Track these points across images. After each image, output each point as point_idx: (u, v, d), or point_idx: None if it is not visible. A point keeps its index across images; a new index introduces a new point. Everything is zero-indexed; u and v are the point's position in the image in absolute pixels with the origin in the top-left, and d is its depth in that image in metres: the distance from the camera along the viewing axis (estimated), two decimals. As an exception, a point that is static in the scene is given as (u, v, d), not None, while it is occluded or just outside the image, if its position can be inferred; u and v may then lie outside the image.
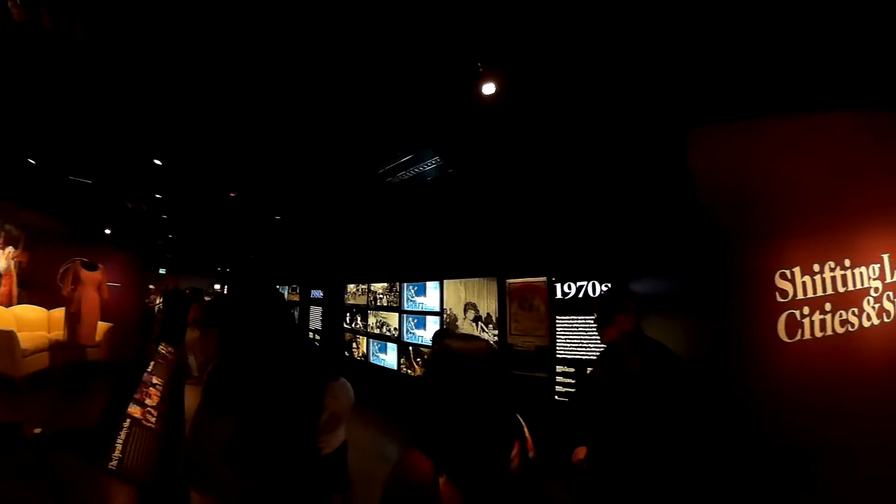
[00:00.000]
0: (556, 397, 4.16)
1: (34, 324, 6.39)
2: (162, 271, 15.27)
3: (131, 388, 2.22)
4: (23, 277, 6.76)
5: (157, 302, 12.37)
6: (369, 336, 7.05)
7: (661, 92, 2.68)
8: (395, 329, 6.43)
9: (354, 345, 7.42)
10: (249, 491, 1.50)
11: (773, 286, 1.96)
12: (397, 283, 6.46)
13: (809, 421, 1.90)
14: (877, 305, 1.99)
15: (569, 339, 4.18)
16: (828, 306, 1.94)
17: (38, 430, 2.42)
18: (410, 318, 6.23)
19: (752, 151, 2.07)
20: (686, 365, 2.07)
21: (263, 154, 4.28)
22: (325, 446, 2.44)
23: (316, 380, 1.84)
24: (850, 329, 1.95)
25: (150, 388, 2.38)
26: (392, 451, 4.35)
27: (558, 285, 4.30)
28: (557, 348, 4.22)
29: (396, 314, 6.43)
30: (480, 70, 2.63)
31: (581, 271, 4.18)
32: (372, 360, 6.99)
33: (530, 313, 4.73)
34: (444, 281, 5.72)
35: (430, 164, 4.14)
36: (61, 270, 6.69)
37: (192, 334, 7.00)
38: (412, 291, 6.26)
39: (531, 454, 1.23)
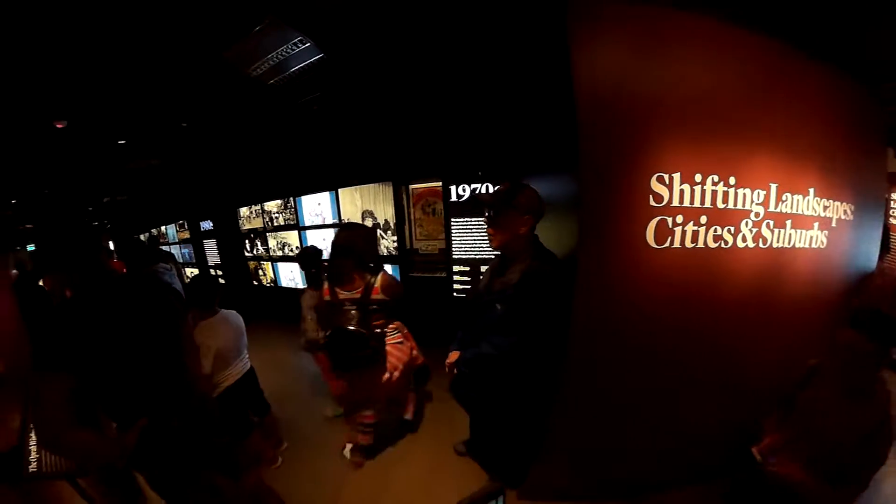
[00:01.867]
0: (454, 294, 4.13)
1: None
2: (31, 248, 11.79)
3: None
4: None
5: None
6: (273, 260, 6.27)
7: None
8: (296, 248, 5.76)
9: (261, 272, 6.57)
10: (130, 444, 1.41)
11: (647, 189, 1.62)
12: (291, 199, 5.61)
13: (663, 327, 1.77)
14: (755, 230, 1.77)
15: (464, 240, 4.03)
16: (703, 219, 1.66)
17: None
18: (310, 234, 5.56)
19: (645, 41, 1.57)
20: (569, 283, 1.77)
21: (88, 62, 2.88)
22: (221, 381, 2.41)
23: (165, 317, 1.61)
24: (722, 246, 1.72)
25: None
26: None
27: (453, 188, 3.99)
28: (453, 249, 4.07)
29: (296, 232, 5.70)
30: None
31: (474, 174, 3.87)
32: (281, 283, 6.31)
33: (433, 217, 4.51)
34: (339, 190, 5.07)
35: (297, 47, 3.06)
36: None
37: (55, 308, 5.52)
38: (307, 205, 5.49)
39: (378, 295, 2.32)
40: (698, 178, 1.65)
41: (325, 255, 3.00)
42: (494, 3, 2.31)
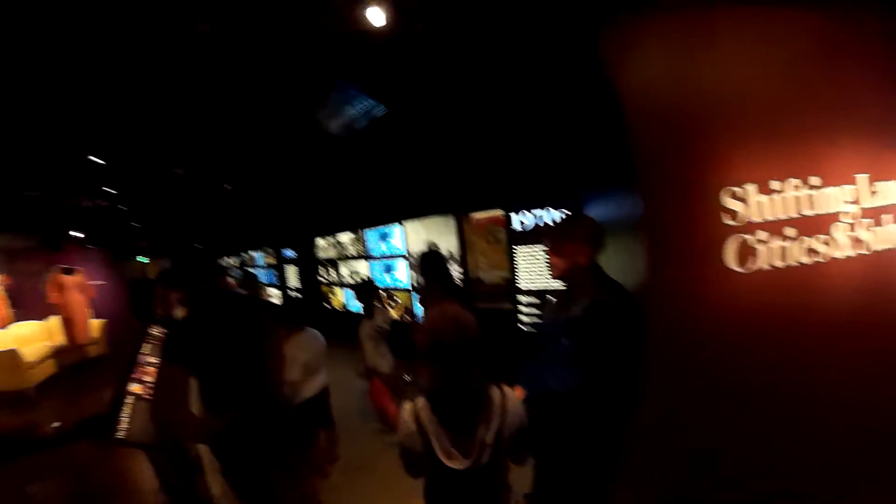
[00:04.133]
0: (521, 327, 3.99)
1: (33, 337, 6.24)
2: (144, 259, 14.48)
3: (132, 371, 2.52)
4: (11, 298, 6.64)
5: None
6: (343, 286, 6.76)
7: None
8: (365, 277, 6.10)
9: (332, 296, 7.14)
10: (218, 430, 1.70)
11: (718, 206, 1.50)
12: (361, 231, 6.05)
13: (763, 362, 1.54)
14: (850, 234, 1.54)
15: (530, 269, 3.90)
16: (790, 231, 1.48)
17: (56, 424, 2.63)
18: (378, 264, 5.89)
19: (691, 46, 1.51)
20: (639, 316, 1.67)
21: (201, 126, 3.87)
22: (304, 391, 2.69)
23: (261, 331, 1.95)
24: (817, 259, 1.51)
25: (147, 367, 2.67)
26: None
27: (514, 216, 3.94)
28: (518, 280, 3.96)
29: (365, 262, 6.09)
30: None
31: (536, 200, 3.78)
32: (350, 308, 6.72)
33: (496, 246, 4.43)
34: (405, 223, 5.36)
35: (362, 105, 3.65)
36: (44, 282, 6.45)
37: (180, 312, 6.75)
38: (375, 238, 5.86)
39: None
40: (775, 185, 1.49)
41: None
42: (535, 32, 2.40)
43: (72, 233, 7.91)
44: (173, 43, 2.58)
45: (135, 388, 2.35)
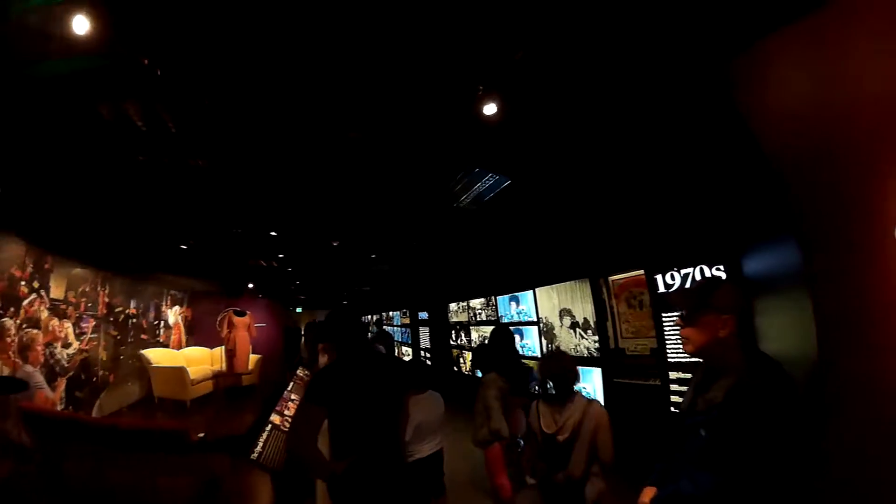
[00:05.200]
0: (672, 408, 3.47)
1: (200, 360, 8.05)
2: (299, 310, 17.78)
3: (275, 404, 2.86)
4: (189, 327, 8.94)
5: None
6: (473, 351, 6.85)
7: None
8: (483, 340, 6.16)
9: (461, 360, 7.34)
10: (338, 472, 1.88)
11: None
12: (493, 297, 6.23)
13: None
14: None
15: (680, 339, 3.44)
16: None
17: (201, 434, 2.99)
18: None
19: (831, 59, 1.31)
20: (796, 401, 1.41)
21: (351, 210, 4.81)
22: (415, 452, 2.71)
23: (394, 389, 2.14)
24: None
25: (289, 402, 3.04)
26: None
27: (659, 277, 3.59)
28: (668, 351, 3.52)
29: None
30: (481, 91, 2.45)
31: (683, 255, 3.42)
32: (478, 373, 6.75)
33: (641, 311, 4.05)
34: (536, 289, 5.34)
35: (488, 180, 4.00)
36: (218, 318, 8.32)
37: (322, 359, 7.95)
38: (507, 303, 5.96)
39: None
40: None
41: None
42: (662, 77, 2.35)
43: (249, 285, 10.32)
44: (325, 150, 3.32)
45: (275, 418, 2.71)
